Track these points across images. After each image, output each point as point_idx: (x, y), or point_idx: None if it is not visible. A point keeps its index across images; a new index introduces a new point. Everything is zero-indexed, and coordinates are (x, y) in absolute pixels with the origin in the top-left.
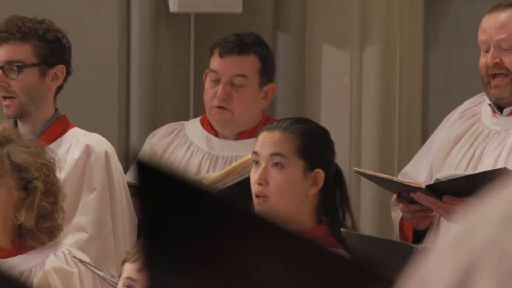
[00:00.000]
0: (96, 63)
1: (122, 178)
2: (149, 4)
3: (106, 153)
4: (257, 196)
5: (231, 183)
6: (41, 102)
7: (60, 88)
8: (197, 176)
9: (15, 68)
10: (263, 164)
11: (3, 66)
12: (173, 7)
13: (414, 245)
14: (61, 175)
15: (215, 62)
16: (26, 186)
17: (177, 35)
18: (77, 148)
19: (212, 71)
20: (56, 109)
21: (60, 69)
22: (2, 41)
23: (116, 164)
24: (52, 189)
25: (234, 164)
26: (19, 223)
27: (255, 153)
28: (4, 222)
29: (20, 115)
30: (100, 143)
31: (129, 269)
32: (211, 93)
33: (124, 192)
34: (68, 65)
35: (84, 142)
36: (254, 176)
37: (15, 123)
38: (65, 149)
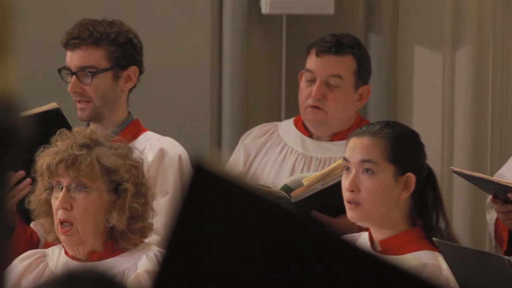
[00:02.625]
0: (188, 65)
1: None
2: (241, 6)
3: (180, 156)
4: (349, 202)
5: (331, 183)
6: (115, 105)
7: (131, 88)
8: (296, 176)
9: (89, 74)
10: (353, 171)
11: (77, 72)
12: (265, 8)
13: (507, 257)
14: None
15: (311, 62)
16: (116, 189)
17: (269, 37)
18: (151, 152)
19: (308, 70)
20: (129, 112)
21: (133, 70)
22: (74, 47)
23: (189, 168)
24: (141, 189)
25: (334, 163)
26: (110, 225)
27: (345, 159)
28: (95, 225)
29: (94, 118)
30: (173, 147)
31: None
32: (306, 92)
33: None
34: (140, 65)
35: (158, 146)
36: (345, 182)
37: (87, 126)
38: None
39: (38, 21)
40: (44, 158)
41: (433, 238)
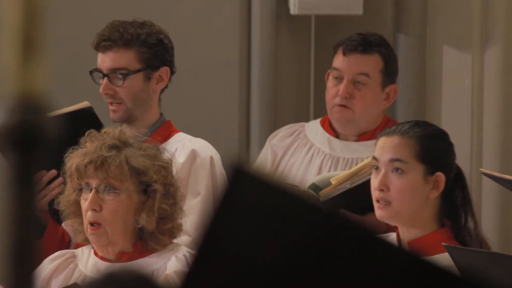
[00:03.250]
0: (217, 65)
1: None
2: (269, 6)
3: (211, 158)
4: (378, 202)
5: (359, 182)
6: (147, 106)
7: (163, 89)
8: (324, 175)
9: (120, 76)
10: (383, 170)
11: (108, 74)
12: (293, 9)
13: None
14: None
15: (338, 61)
16: (145, 190)
17: (297, 37)
18: (183, 153)
19: (335, 69)
20: (161, 113)
21: (164, 71)
22: (105, 49)
23: (220, 170)
24: (170, 190)
25: (362, 162)
26: (139, 226)
27: (374, 158)
28: (125, 226)
29: (126, 119)
30: (205, 148)
31: None
32: (333, 91)
33: None
34: (171, 65)
35: (189, 147)
36: (374, 182)
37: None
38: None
39: (68, 22)
40: (73, 159)
41: (442, 243)
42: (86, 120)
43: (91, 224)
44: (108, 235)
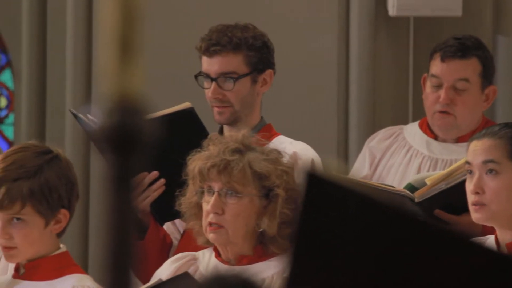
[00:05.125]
0: (315, 68)
1: None
2: (368, 8)
3: (312, 161)
4: (473, 205)
5: (454, 182)
6: (251, 108)
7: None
8: (420, 175)
9: (230, 80)
10: (477, 173)
11: (217, 78)
12: (392, 11)
13: None
14: None
15: (436, 67)
16: (267, 194)
17: (396, 39)
18: (285, 155)
19: (434, 76)
20: (261, 117)
21: (268, 74)
22: (214, 53)
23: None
24: (293, 195)
25: (458, 163)
26: (260, 230)
27: (467, 163)
28: (246, 229)
29: (232, 121)
30: (306, 151)
31: None
32: (433, 98)
33: None
34: (274, 68)
35: (291, 150)
36: (469, 185)
37: (221, 129)
38: None
39: (164, 23)
40: (196, 162)
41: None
42: (187, 121)
43: (210, 224)
44: (228, 236)
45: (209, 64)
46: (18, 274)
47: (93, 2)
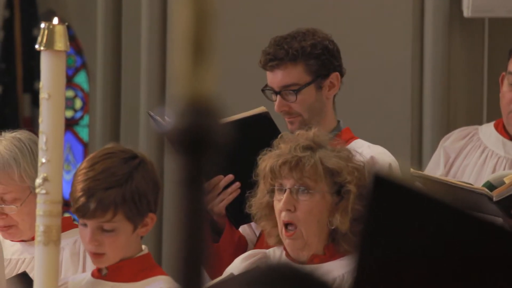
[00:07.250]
0: (390, 69)
1: None
2: (442, 9)
3: (390, 165)
4: None
5: None
6: (322, 114)
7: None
8: (499, 173)
9: (292, 92)
10: None
11: (280, 91)
12: (467, 12)
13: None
14: None
15: None
16: (339, 191)
17: (470, 40)
18: (355, 154)
19: (511, 73)
20: (338, 121)
21: (334, 77)
22: (273, 68)
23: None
24: (364, 192)
25: None
26: (333, 227)
27: None
28: (319, 226)
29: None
30: (384, 155)
31: None
32: (509, 97)
33: None
34: (340, 69)
35: (368, 154)
36: None
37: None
38: None
39: (237, 25)
40: (267, 161)
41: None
42: (263, 125)
43: (286, 226)
44: (303, 237)
45: (271, 78)
46: (101, 274)
47: (167, 4)
